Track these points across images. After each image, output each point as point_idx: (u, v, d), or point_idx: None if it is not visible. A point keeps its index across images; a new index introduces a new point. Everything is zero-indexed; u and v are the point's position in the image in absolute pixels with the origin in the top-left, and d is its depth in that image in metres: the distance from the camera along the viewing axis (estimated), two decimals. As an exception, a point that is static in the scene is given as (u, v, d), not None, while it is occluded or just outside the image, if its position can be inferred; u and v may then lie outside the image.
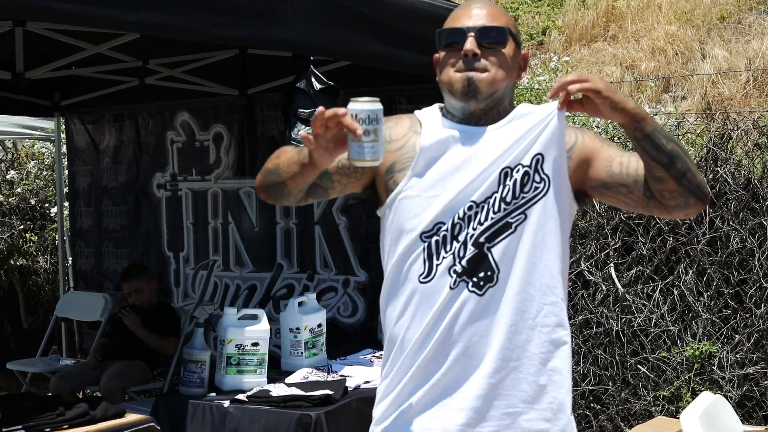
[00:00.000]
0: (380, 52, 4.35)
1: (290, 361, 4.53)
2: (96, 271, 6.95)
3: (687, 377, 5.14)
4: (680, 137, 5.86)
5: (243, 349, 4.20)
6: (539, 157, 2.17)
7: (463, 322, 2.16)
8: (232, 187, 6.22)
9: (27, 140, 8.96)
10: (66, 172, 7.25)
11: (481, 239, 2.16)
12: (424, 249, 2.18)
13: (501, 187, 2.16)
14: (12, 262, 8.65)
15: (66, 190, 7.27)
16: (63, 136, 7.26)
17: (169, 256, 6.56)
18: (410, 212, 2.21)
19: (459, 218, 2.17)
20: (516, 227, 2.16)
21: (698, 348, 5.16)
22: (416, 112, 2.33)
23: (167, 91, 6.22)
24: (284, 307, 4.76)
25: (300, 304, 4.62)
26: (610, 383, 5.47)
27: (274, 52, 5.02)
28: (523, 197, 2.17)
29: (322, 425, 3.76)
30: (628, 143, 5.58)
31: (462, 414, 2.18)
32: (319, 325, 4.63)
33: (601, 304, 5.56)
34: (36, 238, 8.89)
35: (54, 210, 7.96)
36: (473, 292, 2.15)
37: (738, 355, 5.15)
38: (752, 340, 5.13)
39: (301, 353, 4.51)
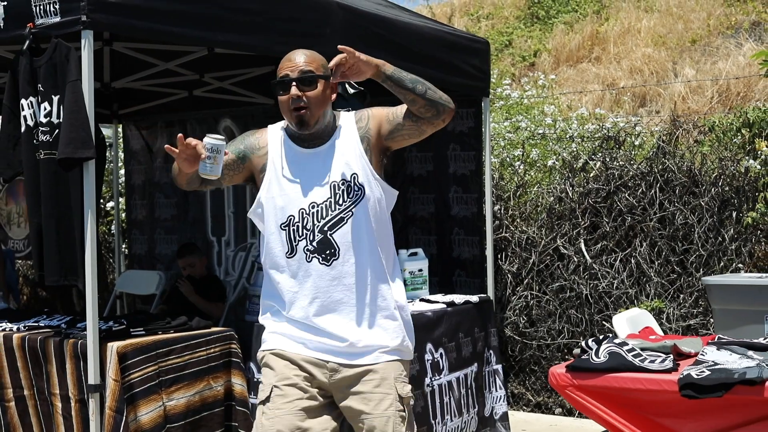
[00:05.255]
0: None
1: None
2: (149, 255, 7.75)
3: (641, 329, 6.18)
4: (636, 137, 6.98)
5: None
6: (354, 174, 3.09)
7: (317, 284, 3.07)
8: (268, 181, 7.13)
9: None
10: (122, 171, 8.15)
11: (325, 228, 3.07)
12: (286, 235, 3.08)
13: (333, 195, 3.08)
14: (66, 253, 9.48)
15: (121, 187, 8.24)
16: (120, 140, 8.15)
17: (212, 240, 7.36)
18: (270, 207, 3.12)
19: (306, 213, 3.07)
20: (347, 220, 3.07)
21: (650, 305, 6.12)
22: (269, 127, 3.21)
23: (212, 101, 7.04)
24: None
25: (414, 254, 5.57)
26: (581, 338, 6.41)
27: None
28: (349, 200, 3.08)
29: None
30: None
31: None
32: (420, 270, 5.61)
33: (573, 272, 6.57)
34: (87, 232, 9.70)
35: (111, 204, 8.84)
36: (323, 264, 3.07)
37: (682, 310, 6.15)
38: (693, 298, 6.14)
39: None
